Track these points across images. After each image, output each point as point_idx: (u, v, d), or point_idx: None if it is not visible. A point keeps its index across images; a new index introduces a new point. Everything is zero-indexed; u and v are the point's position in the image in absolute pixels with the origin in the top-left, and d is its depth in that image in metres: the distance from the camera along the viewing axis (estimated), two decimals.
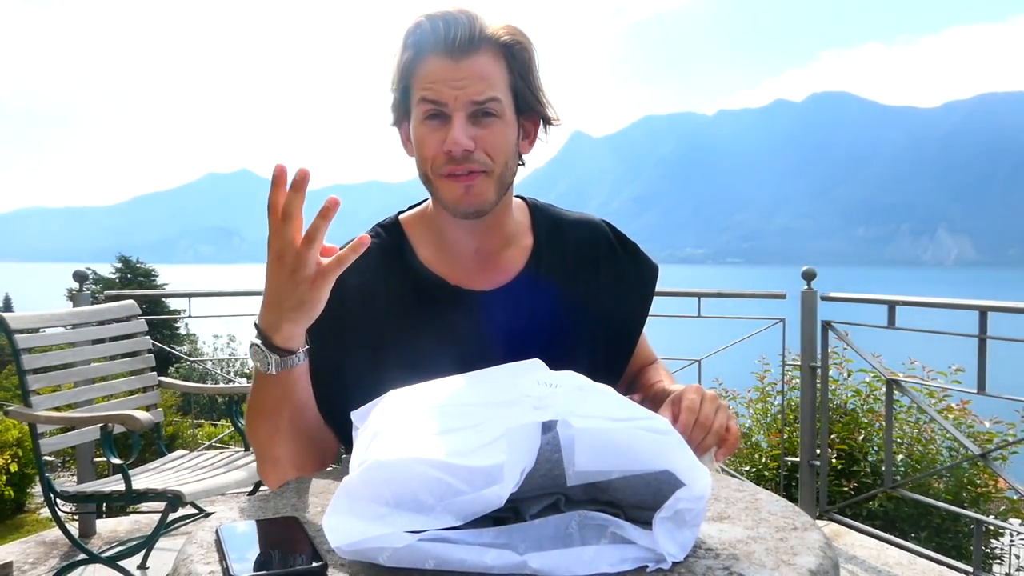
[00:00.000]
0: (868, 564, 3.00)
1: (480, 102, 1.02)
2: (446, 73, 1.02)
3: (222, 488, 2.40)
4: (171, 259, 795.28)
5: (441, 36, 1.01)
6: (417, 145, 1.06)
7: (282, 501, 0.88)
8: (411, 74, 1.05)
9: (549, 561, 0.65)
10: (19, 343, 2.43)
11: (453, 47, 1.01)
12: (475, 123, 1.03)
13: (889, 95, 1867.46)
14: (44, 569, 2.89)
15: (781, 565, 0.68)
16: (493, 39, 1.04)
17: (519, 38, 1.06)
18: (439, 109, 1.02)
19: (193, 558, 0.72)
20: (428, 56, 1.03)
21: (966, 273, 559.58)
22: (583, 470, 0.67)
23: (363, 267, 0.98)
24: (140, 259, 18.19)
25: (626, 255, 1.22)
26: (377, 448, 0.70)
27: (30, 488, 5.60)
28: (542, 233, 1.18)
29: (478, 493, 0.63)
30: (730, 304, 4.57)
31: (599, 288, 1.17)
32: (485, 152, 1.03)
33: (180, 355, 10.76)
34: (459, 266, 1.14)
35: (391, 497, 0.65)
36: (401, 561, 0.64)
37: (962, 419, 4.09)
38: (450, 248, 1.14)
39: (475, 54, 1.02)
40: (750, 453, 4.50)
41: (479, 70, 1.02)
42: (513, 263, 1.15)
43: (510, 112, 1.06)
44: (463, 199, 1.05)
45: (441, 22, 1.02)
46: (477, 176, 1.04)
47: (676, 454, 0.70)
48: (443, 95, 1.02)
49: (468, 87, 1.02)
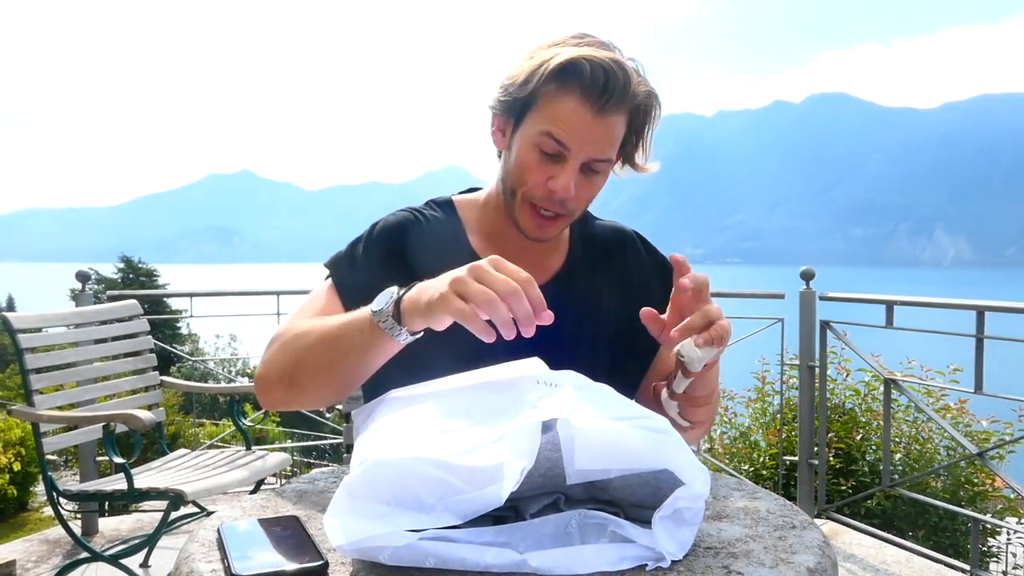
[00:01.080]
0: (866, 563, 3.00)
1: (597, 160, 1.07)
2: (582, 123, 1.04)
3: (224, 487, 2.41)
4: (173, 259, 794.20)
5: (596, 89, 1.02)
6: (520, 166, 1.08)
7: (283, 500, 0.89)
8: (544, 99, 1.05)
9: (549, 560, 0.65)
10: (22, 343, 2.44)
11: (600, 105, 1.03)
12: (582, 172, 1.07)
13: (887, 96, 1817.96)
14: (47, 567, 2.90)
15: (779, 564, 0.69)
16: (633, 100, 1.06)
17: (651, 101, 1.09)
18: (560, 150, 1.05)
19: (195, 556, 0.72)
20: (572, 98, 1.03)
21: (963, 273, 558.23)
22: (583, 469, 0.68)
23: (428, 235, 1.10)
24: (142, 259, 18.16)
25: (654, 267, 1.25)
26: (378, 447, 0.70)
27: (33, 487, 5.60)
28: (577, 240, 1.24)
29: (478, 492, 0.63)
30: (729, 304, 4.56)
31: (625, 297, 1.20)
32: (577, 200, 1.09)
33: (182, 355, 10.76)
34: (504, 257, 1.19)
35: (391, 496, 0.65)
36: (401, 560, 0.64)
37: (959, 418, 4.09)
38: (498, 240, 1.18)
39: (614, 114, 1.05)
40: (748, 452, 4.50)
41: (610, 132, 1.06)
42: (550, 267, 1.20)
43: (611, 164, 1.11)
44: (536, 231, 1.11)
45: (602, 73, 1.02)
46: (559, 219, 1.10)
47: (676, 453, 0.70)
48: (570, 143, 1.04)
49: (595, 145, 1.05)
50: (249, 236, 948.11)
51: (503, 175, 1.13)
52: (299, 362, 1.00)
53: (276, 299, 3.74)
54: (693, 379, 0.94)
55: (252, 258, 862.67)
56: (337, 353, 0.96)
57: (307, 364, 0.99)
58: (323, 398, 1.06)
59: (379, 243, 1.16)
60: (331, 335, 0.97)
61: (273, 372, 1.03)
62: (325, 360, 0.97)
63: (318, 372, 0.99)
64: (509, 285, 0.80)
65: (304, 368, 1.00)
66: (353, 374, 0.98)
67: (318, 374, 0.99)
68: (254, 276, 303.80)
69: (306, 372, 1.00)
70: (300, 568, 0.67)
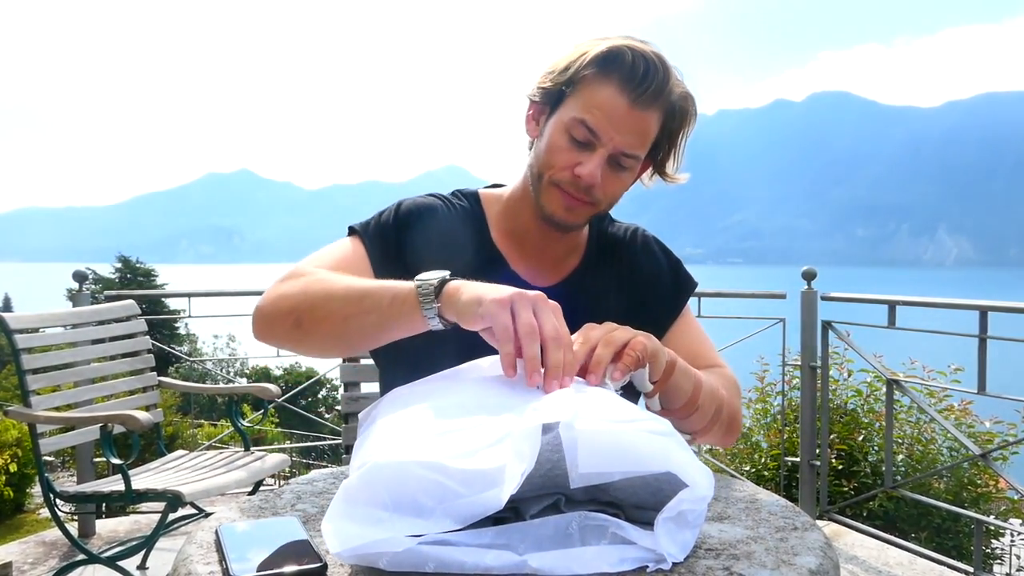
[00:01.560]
0: (868, 564, 2.99)
1: (625, 154, 1.07)
2: (617, 113, 1.04)
3: (222, 488, 2.40)
4: (171, 259, 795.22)
5: (635, 78, 1.03)
6: (550, 149, 1.09)
7: (281, 501, 0.88)
8: (583, 85, 1.06)
9: (549, 561, 0.64)
10: (19, 343, 2.43)
11: (638, 94, 1.04)
12: (609, 164, 1.08)
13: (889, 94, 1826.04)
14: (44, 569, 2.89)
15: (781, 565, 0.68)
16: (669, 97, 1.07)
17: (687, 104, 1.10)
18: (590, 139, 1.06)
19: (193, 558, 0.72)
20: (610, 85, 1.04)
21: (966, 273, 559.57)
22: (586, 472, 0.67)
23: (451, 223, 1.13)
24: (140, 259, 18.20)
25: (669, 270, 1.26)
26: (375, 450, 0.70)
27: (30, 488, 5.60)
28: (594, 242, 1.25)
29: (478, 496, 0.63)
30: (730, 304, 4.57)
31: (637, 297, 1.21)
32: (603, 191, 1.09)
33: (180, 355, 10.77)
34: (523, 254, 1.19)
35: (390, 500, 0.64)
36: (401, 565, 0.64)
37: (962, 419, 4.09)
38: (519, 236, 1.19)
39: (649, 108, 1.05)
40: (750, 453, 4.50)
41: (643, 126, 1.06)
42: (567, 265, 1.22)
43: (640, 163, 1.11)
44: (562, 214, 1.11)
45: (642, 64, 1.03)
46: (585, 205, 1.10)
47: (678, 455, 0.69)
48: (602, 131, 1.05)
49: (626, 138, 1.05)
50: (248, 235, 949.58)
51: (532, 160, 1.13)
52: (315, 306, 0.99)
53: None
54: (656, 398, 0.95)
55: (251, 258, 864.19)
56: (359, 309, 0.94)
57: (322, 310, 0.98)
58: (324, 348, 1.05)
59: (405, 219, 1.16)
60: (358, 290, 0.96)
61: (284, 305, 1.01)
62: (343, 312, 0.96)
63: (331, 321, 0.97)
64: (557, 332, 0.79)
65: (318, 312, 0.98)
66: (366, 335, 0.97)
67: (331, 322, 0.98)
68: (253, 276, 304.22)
69: (319, 317, 0.98)
70: (299, 570, 0.66)
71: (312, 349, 1.06)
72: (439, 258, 1.09)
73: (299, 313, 1.00)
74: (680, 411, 1.00)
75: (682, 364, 0.98)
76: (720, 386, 1.10)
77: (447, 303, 0.87)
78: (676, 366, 0.96)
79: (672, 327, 1.23)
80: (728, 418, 1.10)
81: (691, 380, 1.00)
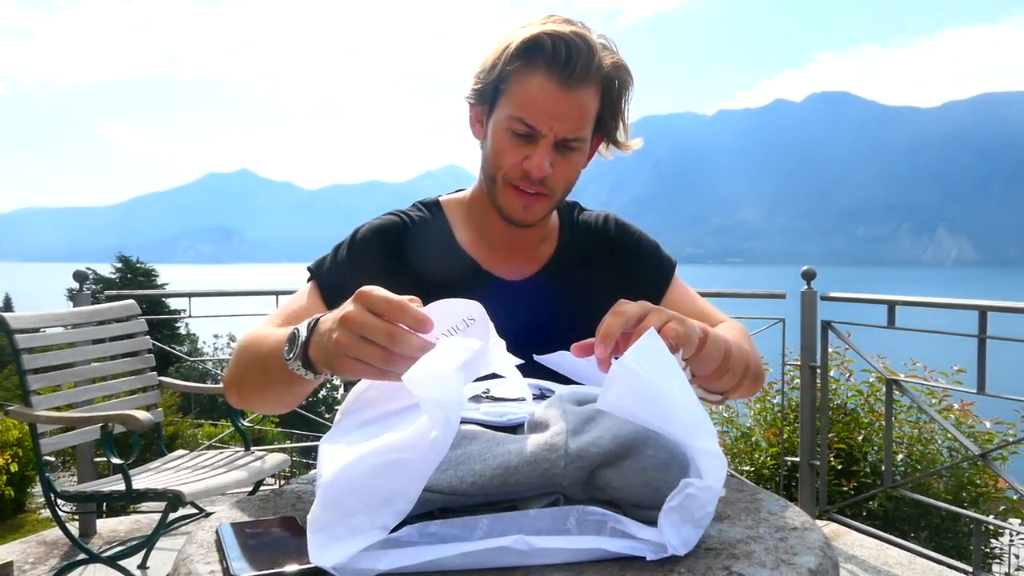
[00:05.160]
0: (868, 564, 3.00)
1: (569, 139, 1.06)
2: (549, 101, 1.04)
3: (222, 488, 2.40)
4: (171, 259, 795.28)
5: (559, 62, 1.02)
6: (496, 151, 1.09)
7: (282, 501, 0.88)
8: (511, 80, 1.06)
9: (547, 542, 0.65)
10: (19, 343, 2.43)
11: (565, 78, 1.03)
12: (557, 151, 1.08)
13: (888, 95, 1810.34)
14: (44, 569, 2.89)
15: (781, 565, 0.68)
16: (600, 72, 1.06)
17: (622, 74, 1.09)
18: (531, 132, 1.06)
19: (193, 558, 0.72)
20: (537, 75, 1.04)
21: (966, 273, 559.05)
22: (614, 403, 0.66)
23: (414, 237, 1.12)
24: (140, 259, 18.20)
25: (648, 245, 1.26)
26: (323, 469, 0.68)
27: (30, 488, 5.60)
28: (566, 231, 1.25)
29: (425, 452, 0.63)
30: (730, 304, 4.56)
31: (612, 284, 1.20)
32: (556, 179, 1.10)
33: (180, 355, 10.77)
34: (493, 253, 1.20)
35: (359, 503, 0.64)
36: (398, 563, 0.64)
37: (962, 419, 4.09)
38: (486, 235, 1.20)
39: (581, 87, 1.05)
40: (749, 453, 4.50)
41: (579, 106, 1.05)
42: (542, 253, 1.22)
43: (588, 142, 1.11)
44: (520, 214, 1.11)
45: (563, 47, 1.02)
46: (542, 199, 1.10)
47: (704, 441, 0.68)
48: (539, 123, 1.05)
49: (565, 123, 1.05)
50: (248, 235, 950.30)
51: (483, 163, 1.14)
52: (242, 375, 1.01)
53: (275, 299, 3.73)
54: (688, 369, 0.89)
55: (251, 258, 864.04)
56: (267, 377, 0.93)
57: (247, 380, 1.00)
58: (269, 410, 1.07)
59: (361, 247, 1.15)
60: (263, 356, 0.93)
61: (228, 376, 1.05)
62: (259, 381, 0.97)
63: (255, 388, 0.99)
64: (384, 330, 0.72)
65: (245, 381, 1.00)
66: (285, 398, 0.98)
67: (255, 390, 0.99)
68: (253, 276, 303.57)
69: (246, 386, 1.00)
70: (299, 570, 0.66)
71: (265, 411, 1.10)
72: (407, 275, 1.09)
73: (236, 384, 1.02)
74: (711, 376, 0.95)
75: (712, 333, 0.89)
76: (742, 340, 1.06)
77: (317, 365, 0.81)
78: (708, 338, 0.88)
79: (667, 296, 1.23)
80: (754, 371, 1.05)
81: (720, 347, 0.91)
